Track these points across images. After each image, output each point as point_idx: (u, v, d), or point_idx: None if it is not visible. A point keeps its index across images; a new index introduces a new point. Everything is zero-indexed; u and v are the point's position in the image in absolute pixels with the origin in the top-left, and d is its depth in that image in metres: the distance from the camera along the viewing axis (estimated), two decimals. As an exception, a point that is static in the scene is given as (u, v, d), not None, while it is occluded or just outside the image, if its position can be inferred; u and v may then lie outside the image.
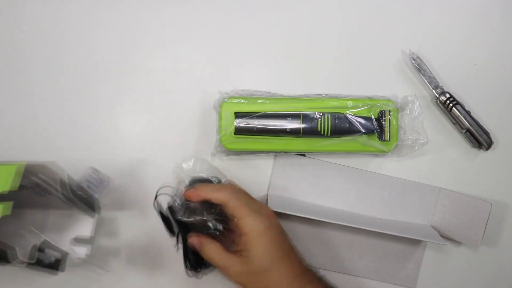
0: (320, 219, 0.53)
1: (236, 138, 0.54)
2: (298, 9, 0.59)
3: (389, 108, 0.55)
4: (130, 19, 0.59)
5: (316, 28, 0.59)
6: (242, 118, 0.54)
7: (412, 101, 0.57)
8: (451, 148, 0.59)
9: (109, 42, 0.59)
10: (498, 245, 0.59)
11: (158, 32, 0.59)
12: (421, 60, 0.58)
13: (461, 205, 0.57)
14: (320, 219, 0.52)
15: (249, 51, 0.59)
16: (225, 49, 0.59)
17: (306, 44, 0.59)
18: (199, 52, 0.59)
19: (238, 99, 0.55)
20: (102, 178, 0.58)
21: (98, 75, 0.59)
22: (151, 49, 0.59)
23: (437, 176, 0.59)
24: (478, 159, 0.59)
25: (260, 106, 0.55)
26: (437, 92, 0.58)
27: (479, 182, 0.59)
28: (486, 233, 0.56)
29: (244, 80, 0.59)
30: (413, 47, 0.58)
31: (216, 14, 0.59)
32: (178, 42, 0.59)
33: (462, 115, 0.57)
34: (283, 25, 0.59)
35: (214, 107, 0.57)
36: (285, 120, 0.54)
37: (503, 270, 0.59)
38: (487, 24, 0.59)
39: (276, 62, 0.59)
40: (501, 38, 0.60)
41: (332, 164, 0.58)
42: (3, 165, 0.38)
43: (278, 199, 0.56)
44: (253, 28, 0.59)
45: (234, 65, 0.59)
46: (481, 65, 0.59)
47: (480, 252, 0.59)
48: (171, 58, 0.59)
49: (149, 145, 0.57)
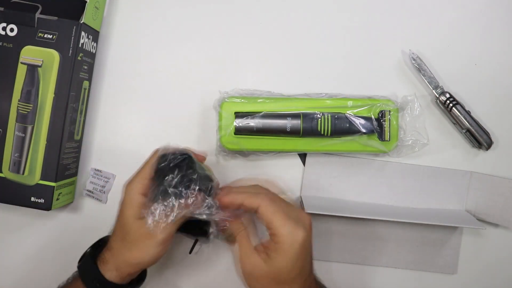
0: (357, 216, 0.53)
1: (236, 138, 0.54)
2: (298, 10, 0.59)
3: (389, 108, 0.55)
4: (130, 19, 0.60)
5: (316, 29, 0.59)
6: (242, 118, 0.54)
7: (412, 101, 0.57)
8: (451, 148, 0.59)
9: (110, 42, 0.59)
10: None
11: (158, 32, 0.59)
12: (421, 60, 0.58)
13: (495, 187, 0.58)
14: (357, 216, 0.53)
15: (249, 51, 0.59)
16: (226, 49, 0.59)
17: (306, 44, 0.59)
18: (200, 52, 0.59)
19: (238, 98, 0.55)
20: (106, 176, 0.58)
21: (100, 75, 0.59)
22: (152, 49, 0.59)
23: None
24: (478, 159, 0.59)
25: (260, 106, 0.55)
26: (437, 92, 0.58)
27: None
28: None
29: (244, 80, 0.59)
30: (413, 47, 0.58)
31: (217, 14, 0.59)
32: (179, 42, 0.59)
33: (462, 115, 0.57)
34: (283, 25, 0.59)
35: (214, 107, 0.57)
36: (285, 120, 0.54)
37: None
38: (487, 24, 0.59)
39: (276, 62, 0.59)
40: (501, 38, 0.60)
41: (361, 159, 0.58)
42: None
43: (313, 200, 0.56)
44: (253, 28, 0.59)
45: (234, 65, 0.59)
46: (481, 65, 0.59)
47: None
48: (171, 58, 0.59)
49: (150, 144, 0.57)
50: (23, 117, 0.53)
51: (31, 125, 0.53)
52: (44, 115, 0.53)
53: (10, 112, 0.53)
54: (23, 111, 0.53)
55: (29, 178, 0.53)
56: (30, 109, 0.53)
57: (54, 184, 0.53)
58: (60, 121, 0.53)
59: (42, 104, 0.53)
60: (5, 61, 0.53)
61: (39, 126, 0.53)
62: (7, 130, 0.53)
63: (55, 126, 0.53)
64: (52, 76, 0.53)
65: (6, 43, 0.53)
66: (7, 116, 0.53)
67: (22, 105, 0.53)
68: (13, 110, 0.53)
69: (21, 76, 0.53)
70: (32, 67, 0.53)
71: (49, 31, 0.53)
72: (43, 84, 0.53)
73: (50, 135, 0.53)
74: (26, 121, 0.53)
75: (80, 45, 0.53)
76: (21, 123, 0.53)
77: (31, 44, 0.53)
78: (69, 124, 0.54)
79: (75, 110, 0.55)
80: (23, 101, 0.53)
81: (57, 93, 0.53)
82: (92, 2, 0.54)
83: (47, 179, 0.53)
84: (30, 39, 0.53)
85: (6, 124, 0.53)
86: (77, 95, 0.55)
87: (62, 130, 0.53)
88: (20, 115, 0.53)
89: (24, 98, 0.53)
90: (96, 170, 0.59)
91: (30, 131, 0.53)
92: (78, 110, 0.56)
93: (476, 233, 0.59)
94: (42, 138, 0.53)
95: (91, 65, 0.58)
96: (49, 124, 0.53)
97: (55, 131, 0.53)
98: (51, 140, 0.53)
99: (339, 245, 0.55)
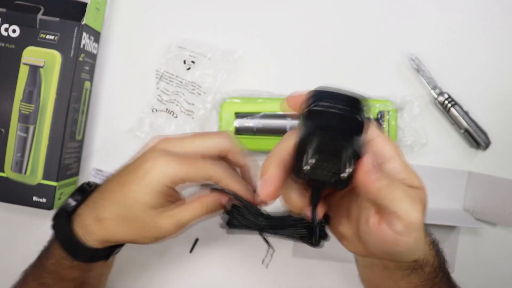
0: None
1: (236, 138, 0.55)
2: (298, 10, 0.60)
3: (387, 108, 0.55)
4: (131, 21, 0.60)
5: (316, 29, 0.60)
6: (242, 118, 0.55)
7: (410, 101, 0.57)
8: (449, 148, 0.60)
9: (112, 43, 0.59)
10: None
11: (159, 33, 0.60)
12: (420, 61, 0.58)
13: (493, 187, 0.58)
14: None
15: (249, 51, 0.59)
16: (225, 49, 0.59)
17: (306, 45, 0.60)
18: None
19: (238, 99, 0.55)
20: (107, 176, 0.59)
21: (101, 75, 0.59)
22: (152, 50, 0.59)
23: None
24: (476, 159, 0.60)
25: (260, 106, 0.55)
26: (435, 93, 0.58)
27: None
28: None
29: (244, 80, 0.59)
30: (411, 48, 0.59)
31: (216, 15, 0.60)
32: (179, 43, 0.59)
33: (461, 115, 0.58)
34: (283, 26, 0.60)
35: (214, 107, 0.57)
36: (285, 120, 0.55)
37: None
38: (486, 25, 0.60)
39: (276, 62, 0.60)
40: (499, 39, 0.60)
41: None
42: None
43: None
44: (253, 29, 0.60)
45: (234, 65, 0.59)
46: (479, 65, 0.60)
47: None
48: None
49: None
50: (25, 117, 0.53)
51: (33, 125, 0.53)
52: (46, 115, 0.53)
53: (12, 112, 0.54)
54: (25, 111, 0.53)
55: (31, 178, 0.54)
56: (32, 109, 0.53)
57: (56, 184, 0.54)
58: (62, 121, 0.53)
59: (44, 104, 0.53)
60: (7, 61, 0.53)
61: (41, 126, 0.53)
62: (9, 130, 0.54)
63: (57, 126, 0.53)
64: (54, 77, 0.53)
65: (8, 44, 0.53)
66: (9, 116, 0.54)
67: (24, 106, 0.53)
68: (15, 111, 0.54)
69: (23, 77, 0.53)
70: (34, 67, 0.53)
71: (51, 32, 0.53)
72: (45, 85, 0.53)
73: (52, 135, 0.53)
74: (28, 121, 0.53)
75: (81, 46, 0.54)
76: (23, 123, 0.53)
77: (33, 45, 0.53)
78: (70, 124, 0.55)
79: (76, 110, 0.55)
80: (25, 101, 0.53)
81: (59, 94, 0.53)
82: (93, 4, 0.54)
83: (49, 179, 0.54)
84: (32, 40, 0.53)
85: (8, 124, 0.54)
86: (78, 95, 0.55)
87: (64, 130, 0.53)
88: (22, 115, 0.53)
89: (26, 99, 0.53)
90: (97, 170, 0.59)
91: (32, 131, 0.53)
92: (80, 110, 0.56)
93: (474, 232, 0.60)
94: (44, 138, 0.53)
95: (93, 66, 0.58)
96: (51, 124, 0.53)
97: (56, 131, 0.53)
98: (52, 140, 0.53)
99: (339, 245, 0.54)
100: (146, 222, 0.39)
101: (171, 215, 0.39)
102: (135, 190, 0.39)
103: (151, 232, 0.40)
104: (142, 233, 0.40)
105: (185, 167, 0.39)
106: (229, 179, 0.40)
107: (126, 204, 0.39)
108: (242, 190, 0.40)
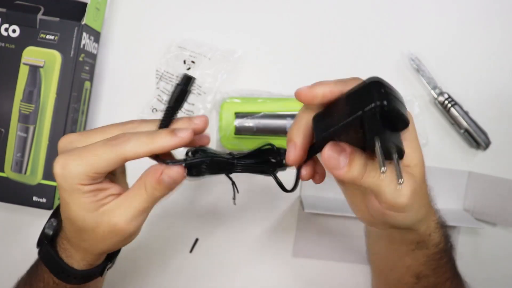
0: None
1: (236, 138, 0.55)
2: (298, 10, 0.60)
3: (388, 108, 0.55)
4: (131, 20, 0.60)
5: (316, 29, 0.60)
6: (242, 118, 0.55)
7: (410, 101, 0.57)
8: (449, 148, 0.60)
9: (112, 43, 0.59)
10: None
11: (159, 33, 0.60)
12: (420, 61, 0.58)
13: (492, 186, 0.58)
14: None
15: (249, 51, 0.59)
16: (225, 49, 0.59)
17: (306, 45, 0.60)
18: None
19: (238, 99, 0.56)
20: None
21: (101, 75, 0.59)
22: (152, 50, 0.60)
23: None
24: (476, 159, 0.60)
25: (260, 106, 0.55)
26: (435, 93, 0.58)
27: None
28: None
29: (244, 80, 0.59)
30: (411, 48, 0.59)
31: (216, 15, 0.60)
32: (179, 43, 0.59)
33: (461, 115, 0.58)
34: (283, 26, 0.60)
35: (214, 107, 0.57)
36: (285, 120, 0.55)
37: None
38: (486, 25, 0.60)
39: (276, 62, 0.60)
40: (499, 39, 0.60)
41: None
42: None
43: (313, 200, 0.57)
44: (253, 29, 0.60)
45: (234, 65, 0.59)
46: (479, 65, 0.60)
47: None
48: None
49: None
50: (25, 117, 0.53)
51: (33, 125, 0.53)
52: (46, 116, 0.53)
53: (12, 113, 0.54)
54: (25, 111, 0.53)
55: (31, 178, 0.54)
56: (32, 109, 0.53)
57: (56, 184, 0.54)
58: (62, 122, 0.53)
59: (44, 104, 0.53)
60: (7, 61, 0.53)
61: (41, 126, 0.53)
62: (9, 130, 0.54)
63: (57, 126, 0.53)
64: (54, 77, 0.53)
65: (8, 44, 0.53)
66: (9, 116, 0.54)
67: (24, 106, 0.53)
68: (15, 111, 0.54)
69: (23, 77, 0.53)
70: (34, 67, 0.53)
71: (51, 32, 0.53)
72: (45, 85, 0.53)
73: (52, 135, 0.53)
74: (28, 121, 0.53)
75: (81, 46, 0.54)
76: (23, 123, 0.54)
77: (33, 45, 0.53)
78: (70, 124, 0.55)
79: (76, 110, 0.55)
80: (25, 101, 0.53)
81: (59, 94, 0.53)
82: (93, 4, 0.54)
83: (49, 179, 0.54)
84: (32, 40, 0.53)
85: (8, 124, 0.54)
86: (78, 95, 0.55)
87: (64, 130, 0.53)
88: (22, 116, 0.53)
89: (26, 99, 0.53)
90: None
91: (32, 131, 0.54)
92: (80, 110, 0.56)
93: (474, 232, 0.60)
94: (44, 138, 0.53)
95: (93, 66, 0.58)
96: (51, 124, 0.53)
97: (56, 131, 0.53)
98: (53, 140, 0.53)
99: (339, 245, 0.55)
100: (99, 227, 0.35)
101: (112, 211, 0.35)
102: (65, 200, 0.35)
103: (114, 234, 0.36)
104: (108, 239, 0.36)
105: (84, 160, 0.34)
106: (151, 144, 0.35)
107: (70, 217, 0.36)
108: (185, 137, 0.37)
